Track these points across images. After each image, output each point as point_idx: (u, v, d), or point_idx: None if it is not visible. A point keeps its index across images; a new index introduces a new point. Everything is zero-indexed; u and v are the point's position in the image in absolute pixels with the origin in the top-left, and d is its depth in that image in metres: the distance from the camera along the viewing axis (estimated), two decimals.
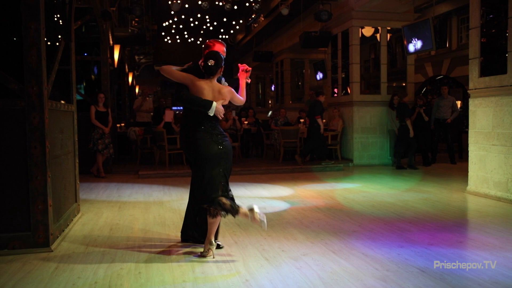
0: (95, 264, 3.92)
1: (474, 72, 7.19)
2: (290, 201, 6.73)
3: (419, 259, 3.97)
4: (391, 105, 10.84)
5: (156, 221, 5.54)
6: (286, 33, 17.10)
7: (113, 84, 12.12)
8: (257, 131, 12.76)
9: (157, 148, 10.71)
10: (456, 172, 9.35)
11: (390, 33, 11.94)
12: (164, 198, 7.06)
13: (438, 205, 6.30)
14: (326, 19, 11.45)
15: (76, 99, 6.05)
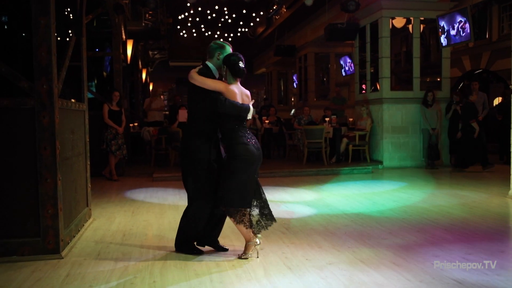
0: (107, 272, 3.98)
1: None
2: (315, 206, 6.71)
3: (456, 270, 3.91)
4: (424, 102, 10.71)
5: (171, 226, 5.58)
6: (310, 25, 17.06)
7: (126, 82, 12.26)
8: (279, 130, 12.75)
9: (172, 149, 10.78)
10: (497, 174, 9.18)
11: (423, 24, 11.82)
12: (180, 202, 7.10)
13: (476, 211, 6.19)
14: (354, 9, 11.37)
15: (87, 98, 6.15)
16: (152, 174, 9.69)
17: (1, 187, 4.32)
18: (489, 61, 16.72)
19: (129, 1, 12.34)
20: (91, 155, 6.26)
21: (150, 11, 15.25)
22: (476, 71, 17.51)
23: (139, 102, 17.77)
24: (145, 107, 13.41)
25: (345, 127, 11.90)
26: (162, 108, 13.85)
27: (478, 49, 17.07)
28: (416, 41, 11.26)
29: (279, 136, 12.83)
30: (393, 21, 11.39)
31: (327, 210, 6.36)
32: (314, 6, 13.60)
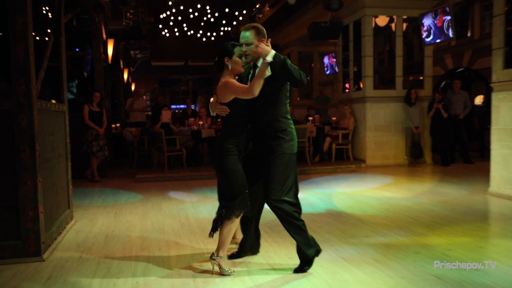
0: (89, 275, 3.99)
1: (498, 63, 7.20)
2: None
3: (436, 266, 4.00)
4: (407, 101, 10.86)
5: (154, 227, 5.60)
6: (293, 24, 17.14)
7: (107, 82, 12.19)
8: None
9: (155, 150, 10.77)
10: (477, 172, 9.35)
11: (406, 23, 11.92)
12: (163, 203, 7.12)
13: (457, 208, 6.32)
14: (337, 8, 11.47)
15: (68, 98, 6.12)
16: (135, 175, 9.67)
17: None
18: (470, 59, 16.98)
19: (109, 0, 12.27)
20: (72, 156, 6.24)
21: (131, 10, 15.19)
22: (458, 70, 17.75)
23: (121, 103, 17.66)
24: (127, 108, 13.36)
25: (329, 126, 12.00)
26: (145, 108, 13.81)
27: (460, 47, 17.32)
28: (399, 39, 11.38)
29: None
30: (376, 19, 11.50)
31: (310, 209, 6.42)
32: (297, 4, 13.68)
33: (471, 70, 17.17)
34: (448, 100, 11.05)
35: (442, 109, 10.72)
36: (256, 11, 20.14)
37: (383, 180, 8.95)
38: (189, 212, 6.44)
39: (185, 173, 9.86)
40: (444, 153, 10.88)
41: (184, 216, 6.17)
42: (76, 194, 7.32)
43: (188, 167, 10.59)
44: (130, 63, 22.73)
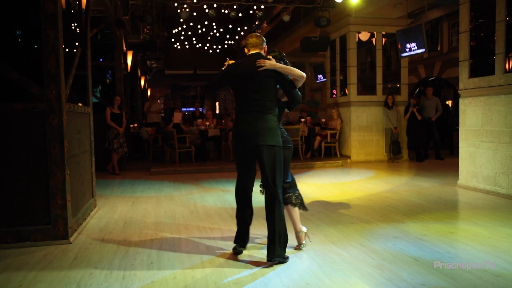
0: (110, 255, 3.95)
1: (464, 73, 7.16)
2: None
3: (412, 249, 3.97)
4: (386, 105, 10.83)
5: (167, 214, 5.56)
6: (288, 38, 17.07)
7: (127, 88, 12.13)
8: None
9: (168, 147, 10.72)
10: (448, 167, 9.31)
11: (385, 38, 11.87)
12: (175, 193, 7.08)
13: (430, 198, 6.28)
14: (325, 24, 11.40)
15: (92, 102, 6.08)
16: (150, 169, 9.62)
17: (16, 181, 4.25)
18: (441, 69, 16.95)
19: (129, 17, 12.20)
20: (96, 152, 6.20)
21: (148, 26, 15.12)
22: (430, 78, 17.73)
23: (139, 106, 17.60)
24: (145, 110, 13.29)
25: (318, 127, 11.95)
26: (160, 111, 13.76)
27: (432, 59, 17.29)
28: (379, 52, 11.34)
29: None
30: (359, 35, 11.44)
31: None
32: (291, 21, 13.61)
33: (441, 78, 17.15)
34: (422, 105, 11.01)
35: (416, 112, 10.68)
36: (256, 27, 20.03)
37: (366, 174, 8.91)
38: (197, 201, 6.40)
39: (194, 167, 9.82)
40: (419, 151, 10.84)
41: (192, 205, 6.13)
42: (99, 185, 7.27)
43: (196, 162, 10.54)
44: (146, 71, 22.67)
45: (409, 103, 10.93)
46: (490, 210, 5.52)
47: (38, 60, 4.54)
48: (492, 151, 6.55)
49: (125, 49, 11.78)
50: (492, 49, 6.60)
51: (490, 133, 6.58)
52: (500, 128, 6.40)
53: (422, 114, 10.79)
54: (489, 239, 4.21)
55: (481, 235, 4.35)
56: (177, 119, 10.82)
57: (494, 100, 6.53)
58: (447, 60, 16.22)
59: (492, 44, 6.63)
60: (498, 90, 6.44)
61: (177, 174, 9.30)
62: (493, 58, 6.54)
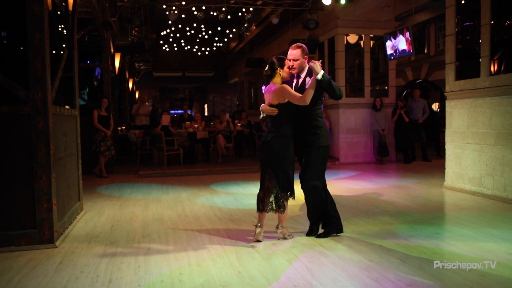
0: (97, 259, 3.91)
1: (450, 76, 7.25)
2: None
3: (400, 250, 4.00)
4: (374, 107, 10.90)
5: (154, 217, 5.53)
6: (276, 40, 17.12)
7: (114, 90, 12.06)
8: (250, 132, 12.75)
9: (156, 149, 10.68)
10: (434, 169, 9.40)
11: (373, 40, 12.00)
12: (162, 196, 7.05)
13: (417, 200, 6.34)
14: (314, 27, 11.46)
15: (79, 104, 6.03)
16: (138, 171, 9.57)
17: (1, 185, 4.20)
18: (428, 72, 17.13)
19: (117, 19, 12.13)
20: (83, 155, 6.15)
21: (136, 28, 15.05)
22: (417, 81, 17.90)
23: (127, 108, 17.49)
24: (134, 113, 13.21)
25: None
26: (149, 113, 13.66)
27: (419, 62, 17.47)
28: (367, 55, 11.44)
29: (250, 137, 12.82)
30: (347, 37, 11.53)
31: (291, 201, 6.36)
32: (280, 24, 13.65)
33: (428, 81, 17.33)
34: (409, 107, 11.11)
35: (404, 114, 10.78)
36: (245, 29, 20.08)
37: (354, 176, 8.96)
38: (185, 204, 6.38)
39: (182, 169, 9.78)
40: (406, 152, 10.94)
41: (180, 208, 6.11)
42: (85, 188, 7.20)
43: (184, 164, 10.50)
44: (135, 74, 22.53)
45: (397, 105, 11.03)
46: (475, 211, 5.59)
47: (24, 62, 4.49)
48: (477, 152, 6.63)
49: (113, 51, 11.70)
50: (478, 52, 6.69)
51: (476, 135, 6.67)
52: (485, 130, 6.49)
53: (409, 116, 10.89)
54: (475, 240, 4.26)
55: (467, 236, 4.40)
56: (165, 121, 10.78)
57: (479, 102, 6.62)
58: (434, 63, 16.40)
59: (477, 46, 6.73)
60: (483, 93, 6.53)
61: (165, 176, 9.26)
62: (479, 60, 6.63)
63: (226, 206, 6.16)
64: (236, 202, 6.42)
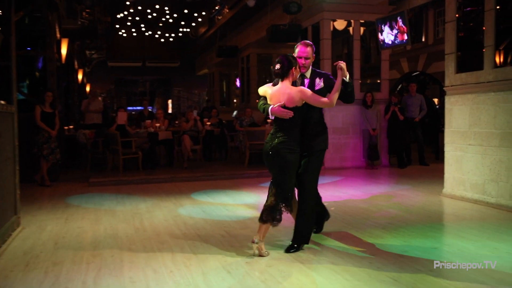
0: (36, 284, 3.83)
1: (450, 68, 7.40)
2: (256, 208, 6.71)
3: (391, 267, 4.05)
4: (364, 104, 11.01)
5: (107, 233, 5.46)
6: (253, 26, 17.17)
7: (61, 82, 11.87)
8: (221, 132, 12.73)
9: (110, 152, 10.55)
10: (432, 174, 9.57)
11: (363, 27, 12.12)
12: (117, 207, 6.96)
13: (412, 210, 6.44)
14: (296, 11, 11.53)
15: (18, 99, 5.90)
16: (88, 179, 9.42)
17: None
18: (425, 63, 17.46)
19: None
20: (21, 159, 6.01)
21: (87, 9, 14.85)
22: (413, 73, 18.22)
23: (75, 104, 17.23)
24: (83, 109, 13.02)
25: None
26: (101, 110, 13.50)
27: (416, 51, 17.79)
28: (357, 43, 11.55)
29: (221, 138, 12.81)
30: (334, 23, 11.62)
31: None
32: (257, 7, 13.71)
33: (426, 73, 17.65)
34: (404, 103, 11.29)
35: (398, 112, 10.93)
36: (216, 12, 20.06)
37: (341, 182, 9.04)
38: (144, 216, 6.31)
39: (141, 176, 9.69)
40: (401, 155, 11.10)
41: (138, 221, 6.04)
42: (24, 199, 7.04)
43: (144, 170, 10.41)
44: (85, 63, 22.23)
45: (390, 101, 11.18)
46: (478, 221, 5.71)
47: None
48: (480, 155, 6.78)
49: (59, 36, 11.53)
50: (481, 41, 6.82)
51: (479, 135, 6.82)
52: (489, 130, 6.65)
53: (404, 113, 11.06)
54: (476, 255, 4.34)
55: (467, 251, 4.49)
56: (121, 119, 10.67)
57: (482, 98, 6.77)
58: (433, 53, 16.71)
59: (481, 35, 6.86)
60: (487, 87, 6.69)
61: (120, 185, 9.15)
62: (482, 51, 6.78)
63: (192, 218, 6.13)
64: (204, 214, 6.40)
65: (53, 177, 9.33)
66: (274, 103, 4.50)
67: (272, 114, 4.50)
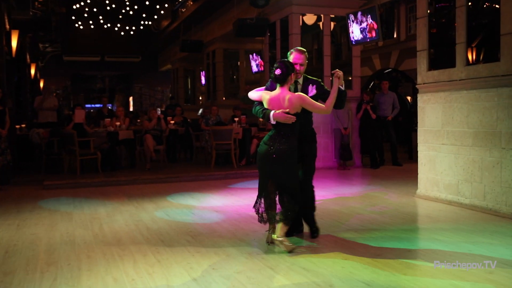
0: None
1: (423, 65, 7.54)
2: (223, 211, 6.73)
3: (364, 272, 4.10)
4: None
5: (63, 240, 5.37)
6: (218, 19, 17.12)
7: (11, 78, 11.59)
8: (185, 132, 12.66)
9: (66, 153, 10.37)
10: (406, 174, 9.75)
11: (334, 21, 12.24)
12: (74, 212, 6.85)
13: (386, 212, 6.54)
14: (263, 4, 11.55)
15: None
16: (42, 181, 9.23)
17: None
18: (398, 60, 17.76)
19: None
20: None
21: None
22: (385, 70, 18.50)
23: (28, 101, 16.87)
24: (36, 106, 12.75)
25: (256, 128, 12.05)
26: (56, 107, 13.25)
27: (388, 48, 18.08)
28: (327, 39, 11.65)
29: (185, 137, 12.74)
30: (303, 17, 11.71)
31: (236, 216, 6.40)
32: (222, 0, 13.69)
33: (398, 71, 17.95)
34: (377, 101, 11.45)
35: (370, 110, 11.09)
36: (179, 4, 19.94)
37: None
38: (104, 221, 6.23)
39: (100, 178, 9.55)
40: (373, 155, 11.26)
41: (97, 226, 5.95)
42: None
43: (103, 172, 10.26)
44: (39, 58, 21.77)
45: (362, 99, 11.33)
46: (452, 223, 5.85)
47: None
48: (454, 155, 6.94)
49: (9, 27, 11.27)
50: (454, 38, 6.97)
51: (452, 135, 6.98)
52: (462, 129, 6.81)
53: (376, 112, 11.22)
54: (451, 257, 4.44)
55: (441, 254, 4.59)
56: (79, 118, 10.50)
57: (455, 96, 6.94)
58: (405, 50, 16.99)
59: (454, 32, 7.01)
60: (459, 85, 6.85)
61: (78, 188, 9.00)
62: (455, 48, 6.94)
63: (155, 223, 6.08)
64: (168, 218, 6.36)
65: (3, 180, 9.15)
66: (273, 108, 4.78)
67: (274, 120, 4.76)
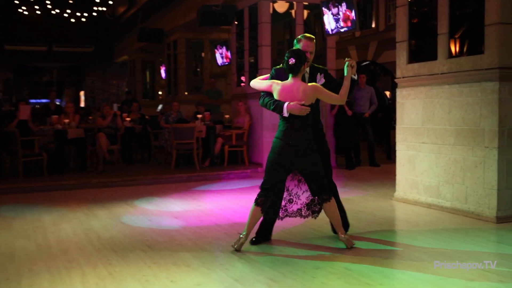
0: None
1: (402, 57, 7.64)
2: (184, 218, 6.69)
3: (337, 282, 4.14)
4: None
5: (2, 252, 5.27)
6: (181, 6, 17.06)
7: None
8: (143, 130, 12.56)
9: (7, 154, 10.18)
10: (384, 175, 9.87)
11: (307, 10, 12.31)
12: (15, 220, 6.73)
13: (362, 216, 6.61)
14: None
15: None
16: None
17: None
18: (376, 52, 17.97)
19: None
20: None
21: None
22: (363, 63, 18.70)
23: None
24: None
25: (221, 125, 12.05)
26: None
27: (365, 39, 18.28)
28: (299, 28, 11.69)
29: (143, 136, 12.64)
30: (274, 5, 11.73)
31: (198, 222, 6.38)
32: None
33: (377, 63, 18.17)
34: (353, 96, 11.52)
35: (346, 106, 11.16)
36: None
37: None
38: (49, 230, 6.12)
39: (46, 182, 9.39)
40: (349, 155, 11.36)
41: (41, 236, 5.85)
42: None
43: (49, 175, 10.08)
44: None
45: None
46: (432, 228, 5.96)
47: None
48: (434, 154, 7.06)
49: None
50: (435, 28, 7.08)
51: (432, 132, 7.09)
52: (443, 126, 6.93)
53: (352, 108, 11.32)
54: (430, 265, 4.52)
55: (420, 260, 4.66)
56: (24, 114, 10.30)
57: (436, 91, 7.05)
58: (384, 41, 17.20)
59: (436, 22, 7.12)
60: (441, 79, 6.96)
61: (20, 193, 8.83)
62: (436, 39, 7.05)
63: (107, 231, 6.01)
64: (122, 225, 6.30)
65: None
66: (284, 99, 4.91)
67: (288, 112, 4.86)
